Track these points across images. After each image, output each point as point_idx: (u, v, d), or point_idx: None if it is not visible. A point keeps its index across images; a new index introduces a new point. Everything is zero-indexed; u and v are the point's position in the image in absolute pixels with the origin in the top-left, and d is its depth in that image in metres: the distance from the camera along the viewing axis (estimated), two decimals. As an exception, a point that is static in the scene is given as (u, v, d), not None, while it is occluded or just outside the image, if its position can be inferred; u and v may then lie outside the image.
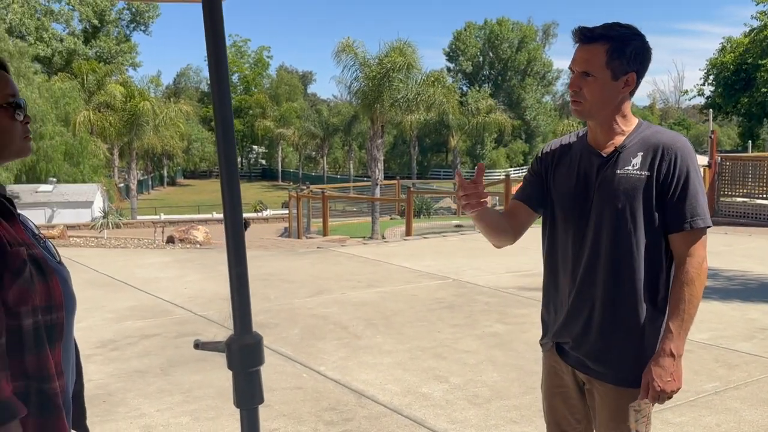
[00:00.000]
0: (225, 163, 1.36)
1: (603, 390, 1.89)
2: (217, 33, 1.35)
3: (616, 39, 1.77)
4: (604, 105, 1.82)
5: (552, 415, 2.07)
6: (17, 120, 1.36)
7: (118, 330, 5.59)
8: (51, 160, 29.59)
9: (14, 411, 1.20)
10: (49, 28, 47.95)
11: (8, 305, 1.24)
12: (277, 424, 3.61)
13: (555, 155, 1.99)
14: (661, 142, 1.83)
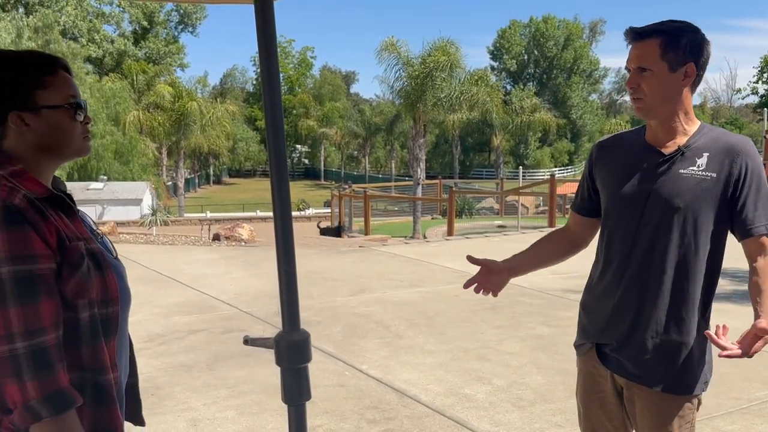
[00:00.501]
0: (275, 163, 1.38)
1: (645, 395, 1.84)
2: (269, 33, 1.37)
3: (668, 32, 1.73)
4: (665, 100, 1.76)
5: (588, 421, 2.02)
6: (77, 120, 1.41)
7: (166, 325, 5.72)
8: (102, 158, 30.48)
9: (71, 400, 1.24)
10: (100, 29, 49.41)
11: (66, 298, 1.28)
12: (320, 421, 3.64)
13: (607, 152, 1.95)
14: (730, 144, 1.77)
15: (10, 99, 1.33)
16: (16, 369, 1.20)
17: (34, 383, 1.20)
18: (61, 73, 1.39)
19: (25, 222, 1.24)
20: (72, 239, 1.32)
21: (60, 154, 1.41)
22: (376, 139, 55.32)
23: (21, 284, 1.21)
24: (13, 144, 1.34)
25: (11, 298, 1.20)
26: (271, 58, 1.36)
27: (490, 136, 49.18)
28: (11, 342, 1.20)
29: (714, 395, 3.99)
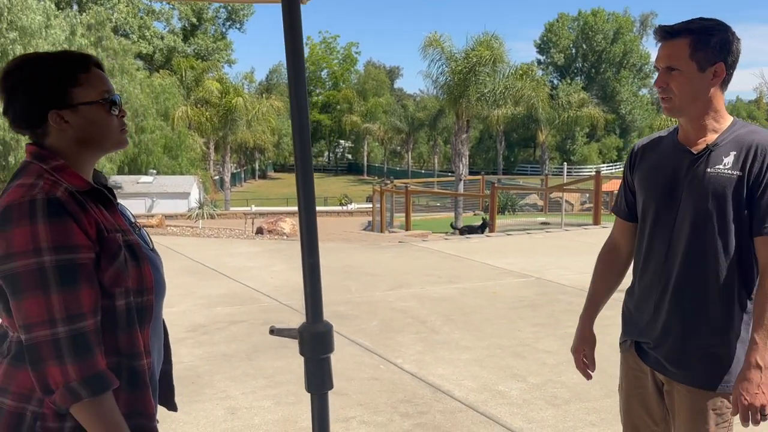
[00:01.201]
0: (300, 159, 1.43)
1: (683, 391, 1.84)
2: (296, 33, 1.42)
3: (697, 31, 1.72)
4: (693, 99, 1.75)
5: (629, 417, 2.04)
6: (113, 114, 1.48)
7: (209, 315, 5.87)
8: (151, 152, 31.29)
9: (108, 383, 1.32)
10: (151, 26, 50.59)
11: (104, 286, 1.35)
12: (354, 413, 3.70)
13: (643, 152, 1.97)
14: (756, 141, 1.75)
15: (48, 99, 1.40)
16: (57, 352, 1.27)
17: (74, 366, 1.28)
18: (94, 70, 1.46)
19: (67, 214, 1.31)
20: (110, 231, 1.39)
21: (99, 148, 1.48)
22: (419, 135, 55.26)
23: (63, 272, 1.28)
24: (54, 140, 1.42)
25: (54, 286, 1.28)
26: (298, 57, 1.41)
27: (535, 132, 48.53)
28: (54, 327, 1.27)
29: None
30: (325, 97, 64.09)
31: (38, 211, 1.29)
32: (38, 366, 1.28)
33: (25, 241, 1.27)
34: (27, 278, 1.27)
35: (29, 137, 1.47)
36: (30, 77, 1.41)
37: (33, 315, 1.27)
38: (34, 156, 1.42)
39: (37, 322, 1.27)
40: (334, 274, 7.72)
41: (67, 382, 1.27)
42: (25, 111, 1.42)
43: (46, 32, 26.91)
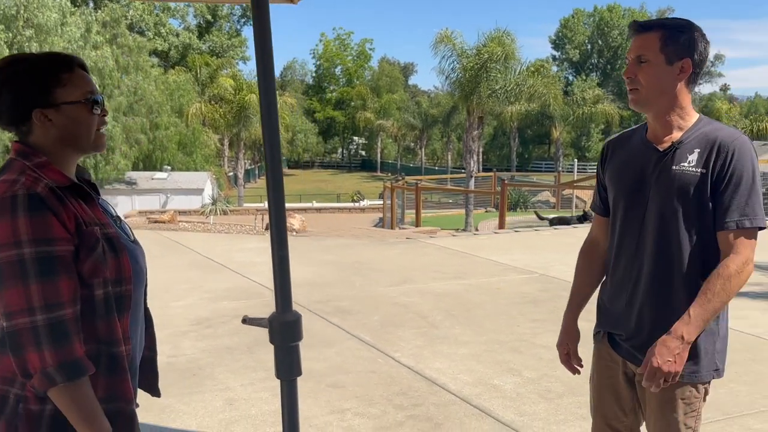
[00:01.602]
0: (270, 156, 1.50)
1: None
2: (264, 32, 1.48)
3: (669, 27, 1.79)
4: (660, 92, 1.81)
5: (600, 407, 2.09)
6: (95, 114, 1.56)
7: (214, 309, 5.97)
8: (166, 149, 31.57)
9: (84, 369, 1.39)
10: (166, 23, 50.94)
11: (83, 277, 1.43)
12: (350, 405, 3.78)
13: (613, 149, 2.03)
14: (719, 138, 1.80)
15: (33, 98, 1.48)
16: (36, 339, 1.35)
17: (51, 352, 1.36)
18: (78, 71, 1.53)
19: (46, 208, 1.39)
20: (89, 224, 1.47)
21: (80, 146, 1.55)
22: (432, 131, 55.19)
23: (42, 264, 1.36)
24: (38, 138, 1.50)
25: (33, 276, 1.36)
26: (267, 55, 1.47)
27: (549, 128, 48.28)
28: (32, 315, 1.35)
29: (748, 394, 3.94)
30: (339, 93, 64.19)
31: (19, 205, 1.36)
32: (18, 352, 1.36)
33: (6, 234, 1.35)
34: (7, 269, 1.35)
35: (14, 134, 1.55)
36: (16, 76, 1.49)
37: (13, 304, 1.35)
38: (18, 153, 1.49)
39: (17, 311, 1.35)
40: (340, 270, 7.80)
41: (44, 367, 1.35)
42: (10, 109, 1.50)
43: (62, 29, 27.23)
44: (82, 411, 1.40)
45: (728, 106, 55.36)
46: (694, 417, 1.88)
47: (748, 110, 63.77)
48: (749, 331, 5.24)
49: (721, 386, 4.04)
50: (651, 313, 1.88)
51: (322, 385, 4.08)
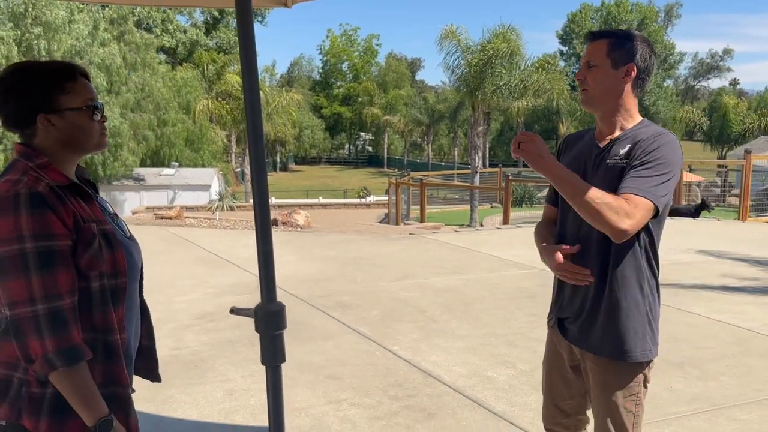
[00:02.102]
0: (254, 151, 1.60)
1: (594, 366, 2.01)
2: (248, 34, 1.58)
3: (616, 36, 1.95)
4: (606, 93, 1.95)
5: (549, 390, 2.22)
6: (95, 120, 1.66)
7: (218, 304, 6.09)
8: (173, 145, 31.76)
9: (82, 354, 1.50)
10: (173, 20, 51.14)
11: (80, 270, 1.54)
12: (346, 395, 3.88)
13: (566, 145, 2.18)
14: (645, 134, 1.94)
15: (38, 104, 1.59)
16: (37, 327, 1.47)
17: (51, 339, 1.47)
18: (80, 80, 1.64)
19: (47, 206, 1.50)
20: (86, 221, 1.57)
21: (80, 149, 1.66)
22: (439, 127, 55.23)
23: (42, 257, 1.47)
24: (40, 141, 1.61)
25: (34, 269, 1.47)
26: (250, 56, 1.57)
27: (557, 123, 48.25)
28: (33, 305, 1.46)
29: (737, 386, 4.02)
30: (346, 89, 64.30)
31: (21, 203, 1.47)
32: (21, 339, 1.47)
33: (9, 229, 1.46)
34: (10, 262, 1.46)
35: (18, 136, 1.66)
36: (22, 84, 1.60)
37: (16, 294, 1.46)
38: (21, 154, 1.60)
39: (19, 301, 1.46)
40: (342, 265, 7.91)
41: (45, 353, 1.46)
42: (16, 113, 1.61)
43: (70, 27, 27.43)
44: (80, 394, 1.51)
45: (735, 101, 55.05)
46: (633, 401, 1.99)
47: (758, 105, 63.39)
48: (743, 326, 5.31)
49: (710, 379, 4.14)
50: (590, 297, 2.00)
51: (320, 376, 4.19)
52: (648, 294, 1.98)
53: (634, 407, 1.97)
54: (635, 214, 1.81)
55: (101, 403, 1.54)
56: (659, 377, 4.19)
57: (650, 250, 1.97)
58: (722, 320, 5.47)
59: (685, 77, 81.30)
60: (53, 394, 1.53)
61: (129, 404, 1.65)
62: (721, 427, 3.45)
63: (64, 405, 1.52)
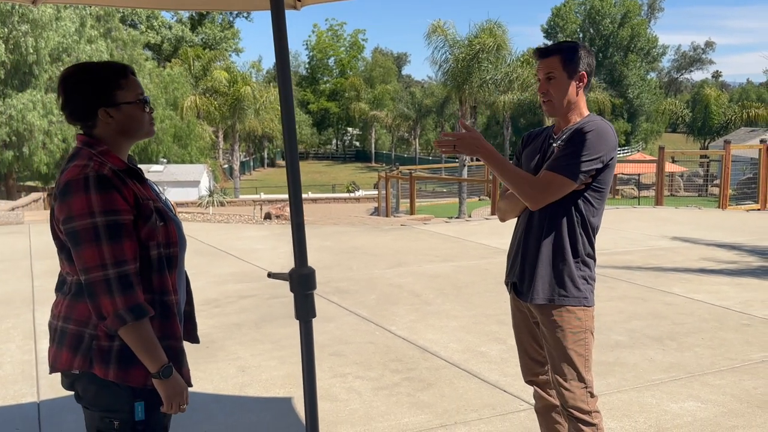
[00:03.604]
0: (288, 139, 1.87)
1: (540, 315, 2.35)
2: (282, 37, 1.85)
3: (564, 50, 2.30)
4: (565, 100, 2.32)
5: (520, 344, 2.57)
6: (145, 111, 1.93)
7: (221, 291, 6.36)
8: (161, 142, 31.82)
9: (146, 311, 1.77)
10: (158, 16, 50.98)
11: (141, 240, 1.81)
12: (350, 370, 4.17)
13: (527, 139, 2.54)
14: (580, 123, 2.31)
15: (98, 98, 1.85)
16: (108, 288, 1.73)
17: (121, 298, 1.74)
18: (131, 77, 1.91)
19: (112, 186, 1.77)
20: (144, 199, 1.85)
21: (133, 137, 1.93)
22: (426, 121, 55.50)
23: (110, 229, 1.74)
24: (100, 131, 1.87)
25: (104, 239, 1.73)
26: (284, 60, 1.84)
27: (542, 117, 48.54)
28: (105, 270, 1.73)
29: (711, 356, 4.36)
30: (333, 84, 64.39)
31: (91, 185, 1.74)
32: (94, 299, 1.74)
33: (82, 206, 1.72)
34: (84, 234, 1.72)
35: (80, 128, 1.92)
36: (85, 81, 1.87)
37: (90, 261, 1.73)
38: (83, 143, 1.87)
39: (93, 266, 1.72)
40: (337, 255, 8.19)
41: (116, 310, 1.73)
42: (79, 107, 1.87)
43: (57, 24, 27.42)
44: (145, 345, 1.78)
45: (717, 93, 55.84)
46: (582, 345, 2.32)
47: (740, 96, 64.26)
48: (719, 304, 5.66)
49: (686, 350, 4.48)
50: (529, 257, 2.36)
51: (325, 354, 4.48)
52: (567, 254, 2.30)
53: (584, 351, 2.30)
54: (547, 188, 2.24)
55: (162, 352, 1.81)
56: (640, 349, 4.52)
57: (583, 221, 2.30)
58: (700, 299, 5.83)
59: (668, 70, 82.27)
60: (120, 347, 1.80)
61: (182, 355, 1.93)
62: (695, 391, 3.78)
63: (129, 355, 1.79)
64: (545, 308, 2.32)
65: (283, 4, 1.85)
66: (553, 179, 2.23)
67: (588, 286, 2.33)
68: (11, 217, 12.39)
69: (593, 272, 2.36)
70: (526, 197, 2.27)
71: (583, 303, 2.31)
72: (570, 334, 2.29)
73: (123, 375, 1.80)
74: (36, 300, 6.04)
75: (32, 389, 3.96)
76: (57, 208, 1.75)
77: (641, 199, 19.40)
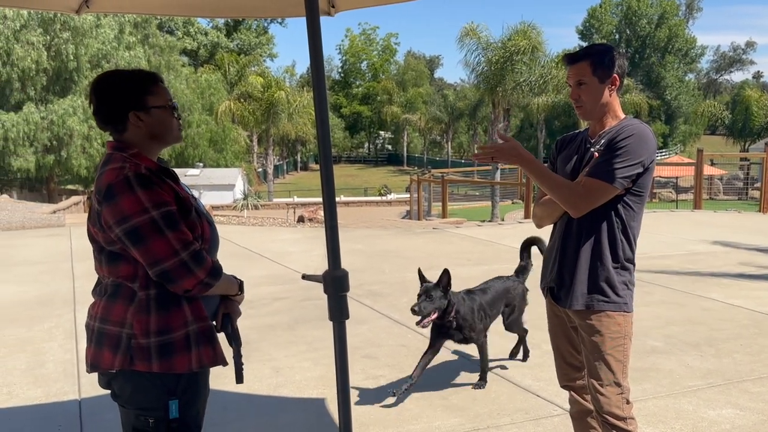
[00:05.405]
0: (322, 143, 1.91)
1: (580, 321, 2.33)
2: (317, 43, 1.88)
3: (594, 54, 2.27)
4: (598, 105, 2.29)
5: (557, 349, 2.55)
6: (174, 117, 1.99)
7: (254, 293, 6.44)
8: (197, 146, 32.36)
9: (220, 270, 1.92)
10: (195, 22, 51.86)
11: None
12: (383, 372, 4.20)
13: (562, 144, 2.51)
14: (619, 127, 2.28)
15: (130, 103, 1.92)
16: (187, 269, 1.83)
17: (200, 270, 1.85)
18: (160, 84, 1.98)
19: (152, 183, 1.84)
20: (182, 195, 1.91)
21: (163, 141, 2.00)
22: (459, 124, 55.35)
23: (167, 219, 1.81)
24: (130, 135, 1.94)
25: (166, 229, 1.81)
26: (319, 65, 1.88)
27: (577, 120, 48.01)
28: (178, 255, 1.81)
29: (750, 363, 4.27)
30: (365, 88, 64.65)
31: (133, 183, 1.81)
32: (177, 282, 1.83)
33: (133, 205, 1.79)
34: (146, 229, 1.79)
35: (110, 133, 1.98)
36: (116, 87, 1.94)
37: (161, 252, 1.80)
38: (114, 148, 1.93)
39: (166, 256, 1.81)
40: (369, 258, 8.23)
41: (199, 282, 1.85)
42: (110, 111, 1.94)
43: (97, 31, 28.11)
44: (225, 287, 2.00)
45: (759, 94, 54.44)
46: (621, 350, 2.30)
47: (783, 98, 62.60)
48: (759, 309, 5.54)
49: (725, 356, 4.39)
50: (568, 262, 2.34)
51: (357, 356, 4.50)
52: (607, 260, 2.27)
53: (622, 356, 2.29)
54: (589, 194, 2.21)
55: (234, 281, 2.07)
56: (676, 355, 4.44)
57: (623, 225, 2.28)
58: (739, 305, 5.70)
59: (707, 71, 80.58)
60: (157, 342, 1.86)
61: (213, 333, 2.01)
62: (734, 398, 3.70)
63: (168, 348, 1.86)
64: (584, 313, 2.30)
65: (318, 12, 1.88)
66: (594, 185, 2.20)
67: (628, 292, 2.31)
68: (53, 220, 12.74)
69: (633, 277, 2.34)
70: (568, 204, 2.24)
71: (623, 309, 2.29)
72: (609, 340, 2.27)
73: (167, 365, 1.87)
74: (77, 301, 6.21)
75: (74, 387, 4.08)
76: (106, 212, 1.81)
77: (679, 203, 19.05)
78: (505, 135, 2.27)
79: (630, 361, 2.37)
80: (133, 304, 1.85)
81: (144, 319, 1.85)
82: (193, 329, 1.90)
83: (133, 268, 1.85)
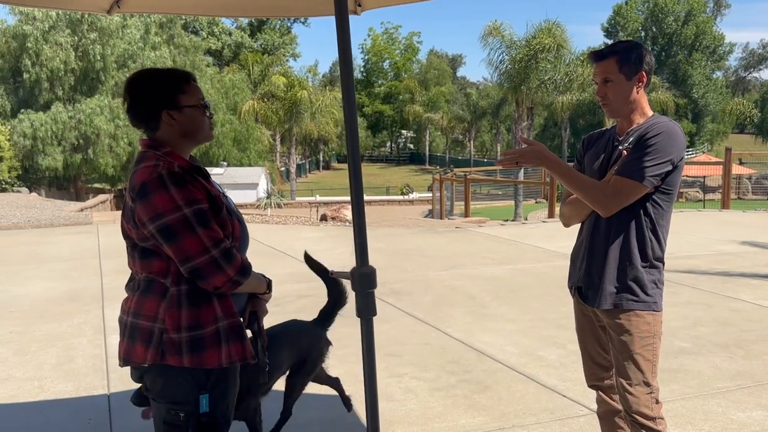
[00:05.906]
0: (351, 143, 1.92)
1: (608, 320, 2.30)
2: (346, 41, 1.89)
3: (620, 51, 2.24)
4: (625, 102, 2.26)
5: (584, 348, 2.52)
6: (206, 116, 2.02)
7: (279, 291, 6.46)
8: (222, 145, 32.62)
9: (250, 267, 1.94)
10: (219, 23, 52.30)
11: None
12: (407, 370, 4.20)
13: (589, 142, 2.48)
14: (648, 124, 2.24)
15: (163, 102, 1.94)
16: (218, 266, 1.85)
17: (230, 268, 1.87)
18: (192, 83, 2.00)
19: (185, 181, 1.86)
20: (213, 193, 1.93)
21: (194, 140, 2.02)
22: (481, 123, 55.08)
23: (199, 217, 1.84)
24: (163, 134, 1.96)
25: (198, 227, 1.83)
26: (347, 62, 1.89)
27: (602, 118, 47.47)
28: (208, 252, 1.84)
29: (781, 365, 4.18)
30: (387, 87, 64.63)
31: (167, 181, 1.83)
32: (207, 279, 1.86)
33: (167, 202, 1.81)
34: (179, 226, 1.82)
35: (143, 131, 2.01)
36: (149, 85, 1.96)
37: (192, 249, 1.83)
38: (148, 146, 1.96)
39: (197, 253, 1.83)
40: (391, 256, 8.24)
41: (229, 279, 1.87)
42: (144, 109, 1.97)
43: (123, 32, 28.50)
44: (254, 285, 2.03)
45: (789, 91, 53.31)
46: (650, 350, 2.27)
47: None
48: (790, 311, 5.43)
49: (754, 357, 4.32)
50: (596, 262, 2.31)
51: (381, 354, 4.49)
52: (636, 260, 2.25)
53: (651, 356, 2.26)
54: (618, 193, 2.19)
55: (262, 279, 2.09)
56: (705, 356, 4.38)
57: (652, 224, 2.25)
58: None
59: (735, 68, 79.25)
60: (188, 337, 1.88)
61: (242, 330, 2.02)
62: (764, 400, 3.65)
63: (199, 343, 1.88)
64: (613, 313, 2.28)
65: (347, 10, 1.89)
66: (624, 184, 2.18)
67: (657, 290, 2.29)
68: (81, 218, 12.96)
69: (662, 276, 2.32)
70: (597, 204, 2.22)
71: (652, 308, 2.27)
72: (638, 339, 2.25)
73: (198, 360, 1.89)
74: (105, 297, 6.31)
75: (103, 382, 4.14)
76: (139, 209, 1.84)
77: (706, 203, 18.75)
78: (528, 139, 2.24)
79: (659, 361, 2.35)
80: (165, 299, 1.88)
81: (175, 315, 1.87)
82: (223, 325, 1.92)
83: (165, 265, 1.88)
